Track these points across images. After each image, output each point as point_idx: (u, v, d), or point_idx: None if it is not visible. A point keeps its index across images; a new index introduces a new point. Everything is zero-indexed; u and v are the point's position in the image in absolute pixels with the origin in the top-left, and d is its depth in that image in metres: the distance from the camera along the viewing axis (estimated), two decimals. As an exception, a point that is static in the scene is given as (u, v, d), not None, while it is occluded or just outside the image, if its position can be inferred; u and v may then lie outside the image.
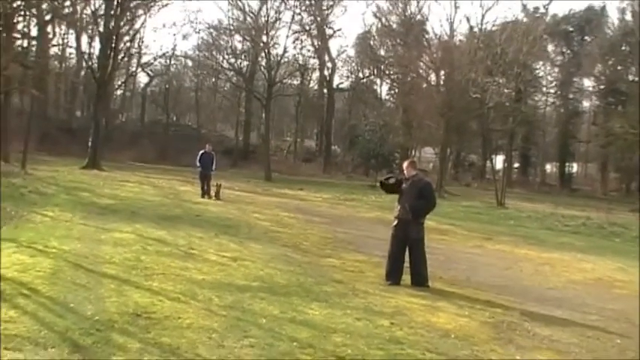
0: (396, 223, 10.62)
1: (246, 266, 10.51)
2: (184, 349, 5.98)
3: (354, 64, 64.52)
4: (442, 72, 48.64)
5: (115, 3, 37.91)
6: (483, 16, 47.16)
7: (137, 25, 45.22)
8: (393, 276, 10.38)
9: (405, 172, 10.84)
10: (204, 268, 9.95)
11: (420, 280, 10.28)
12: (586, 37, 62.82)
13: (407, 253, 10.52)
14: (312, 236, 15.65)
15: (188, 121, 68.45)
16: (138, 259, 10.12)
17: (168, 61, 60.02)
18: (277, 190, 33.44)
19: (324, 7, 57.07)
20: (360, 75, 64.84)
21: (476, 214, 28.36)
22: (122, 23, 39.49)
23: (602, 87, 60.91)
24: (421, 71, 51.83)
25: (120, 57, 42.50)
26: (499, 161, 59.03)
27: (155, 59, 55.28)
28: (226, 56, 53.34)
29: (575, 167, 70.35)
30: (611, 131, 50.06)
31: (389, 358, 6.36)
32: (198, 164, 24.68)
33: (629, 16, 57.25)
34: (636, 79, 53.12)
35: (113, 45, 39.17)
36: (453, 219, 24.30)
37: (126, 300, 7.50)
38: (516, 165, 66.30)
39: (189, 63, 63.98)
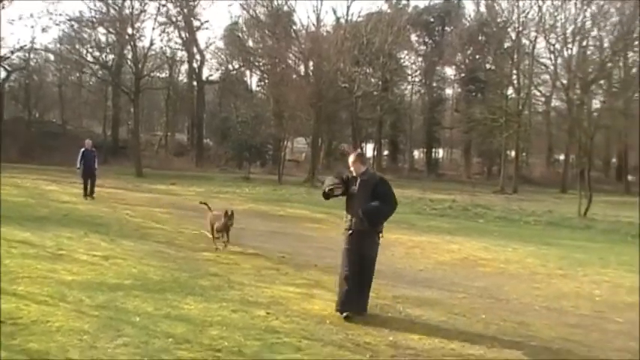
0: (350, 234, 8.23)
1: (118, 264, 10.25)
2: (54, 353, 5.77)
3: (223, 56, 64.04)
4: (311, 62, 49.21)
5: (-35, -6, 35.67)
6: (349, 7, 48.48)
7: (-10, 18, 42.81)
8: (353, 303, 7.99)
9: (353, 168, 8.36)
10: (73, 268, 9.62)
11: (363, 306, 8.14)
12: (446, 28, 65.16)
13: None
14: (186, 231, 15.47)
15: (52, 117, 65.41)
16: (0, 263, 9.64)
17: (27, 54, 57.12)
18: (149, 185, 32.75)
19: (191, -1, 56.24)
20: (230, 67, 64.45)
21: (348, 202, 28.85)
22: (-26, 16, 37.26)
23: (462, 75, 63.52)
24: (290, 62, 52.25)
25: (-27, 52, 40.05)
26: (369, 149, 60.50)
27: (12, 53, 52.49)
28: (90, 49, 51.57)
29: (441, 153, 73.11)
30: (473, 117, 52.46)
31: (266, 347, 6.41)
32: (79, 165, 22.71)
33: (483, 8, 60.13)
34: (493, 67, 55.87)
35: (-35, 39, 36.88)
36: (326, 207, 24.50)
37: (-12, 307, 7.14)
38: (386, 152, 68.09)
39: (51, 57, 61.26)
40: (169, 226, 16.28)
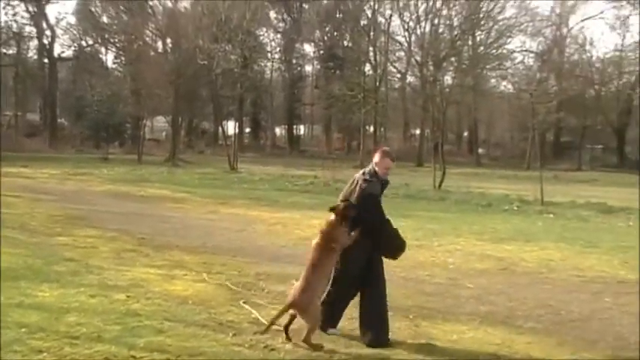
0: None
1: (-36, 254, 9.69)
2: None
3: (75, 32, 61.39)
4: (169, 39, 48.27)
5: None
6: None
7: None
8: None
9: (385, 171, 7.24)
10: None
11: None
12: (304, 5, 65.57)
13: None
14: (40, 215, 14.81)
15: None
16: None
17: None
18: (-2, 168, 31.07)
19: (38, -29, 53.49)
20: (84, 43, 61.93)
21: (210, 180, 28.70)
22: None
23: (321, 52, 64.38)
24: (147, 39, 51.03)
25: None
26: (231, 127, 60.19)
27: None
28: None
29: (302, 129, 73.95)
30: (332, 94, 53.35)
31: (126, 331, 6.27)
32: None
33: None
34: (350, 44, 57.07)
35: None
36: (187, 187, 24.37)
37: None
38: (247, 130, 68.05)
39: None
40: (21, 210, 15.52)
